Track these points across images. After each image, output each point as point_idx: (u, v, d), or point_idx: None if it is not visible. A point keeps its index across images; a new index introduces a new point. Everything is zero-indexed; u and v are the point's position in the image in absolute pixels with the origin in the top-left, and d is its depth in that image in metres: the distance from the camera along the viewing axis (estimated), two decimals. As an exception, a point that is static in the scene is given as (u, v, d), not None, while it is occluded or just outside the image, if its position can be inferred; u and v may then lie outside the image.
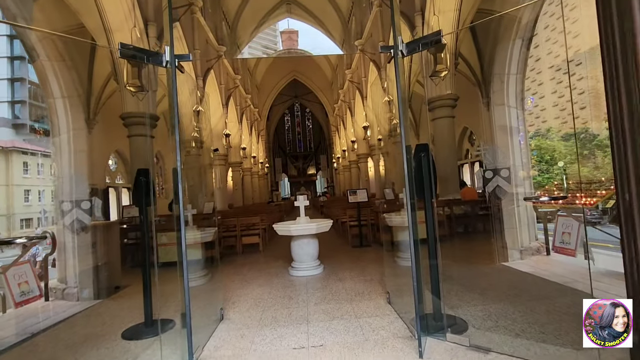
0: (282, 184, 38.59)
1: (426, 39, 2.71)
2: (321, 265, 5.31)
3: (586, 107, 25.78)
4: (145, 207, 3.33)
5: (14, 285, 4.82)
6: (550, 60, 34.75)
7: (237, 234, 7.60)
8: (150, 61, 2.58)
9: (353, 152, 22.72)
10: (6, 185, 27.93)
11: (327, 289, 4.33)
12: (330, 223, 5.30)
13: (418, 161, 2.96)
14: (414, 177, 2.81)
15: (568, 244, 6.17)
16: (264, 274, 5.39)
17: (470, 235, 7.83)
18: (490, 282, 4.23)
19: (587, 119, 25.52)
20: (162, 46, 10.92)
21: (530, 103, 10.04)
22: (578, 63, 26.14)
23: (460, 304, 3.43)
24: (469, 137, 16.21)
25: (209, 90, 16.20)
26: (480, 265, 5.12)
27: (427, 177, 2.93)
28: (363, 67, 18.41)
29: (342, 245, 7.75)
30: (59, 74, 4.95)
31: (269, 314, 3.54)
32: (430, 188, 2.92)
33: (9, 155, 28.30)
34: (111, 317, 3.83)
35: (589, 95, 26.20)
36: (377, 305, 3.58)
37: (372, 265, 5.53)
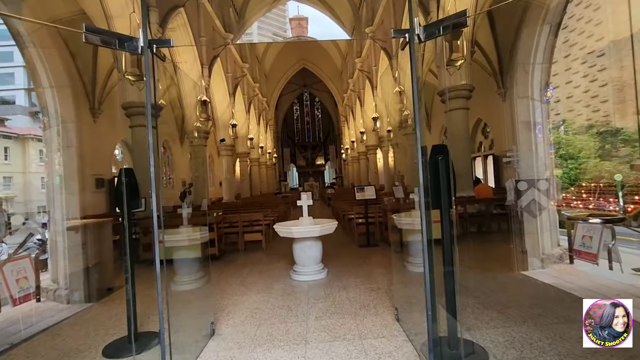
0: (290, 174, 38.30)
1: (448, 21, 2.27)
2: (324, 270, 4.97)
3: (608, 99, 24.47)
4: (128, 213, 3.00)
5: (12, 281, 4.59)
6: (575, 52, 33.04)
7: (239, 230, 7.32)
8: (122, 47, 2.21)
9: (362, 144, 22.20)
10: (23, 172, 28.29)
11: (329, 298, 3.99)
12: (334, 224, 4.93)
13: (434, 165, 2.56)
14: (429, 184, 2.42)
15: (589, 247, 5.69)
16: (264, 277, 5.08)
17: (485, 236, 7.40)
18: (510, 296, 3.83)
19: (609, 112, 24.26)
20: (165, 33, 10.54)
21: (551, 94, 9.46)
22: (600, 54, 24.79)
23: (477, 325, 3.05)
24: (482, 129, 15.53)
25: (216, 79, 15.81)
26: (497, 273, 4.72)
27: (444, 184, 2.53)
28: (374, 55, 17.75)
29: (349, 244, 7.40)
30: (45, 62, 4.61)
31: (264, 330, 3.22)
32: (449, 197, 2.52)
33: (26, 142, 28.54)
34: (97, 326, 3.57)
35: (612, 87, 24.84)
36: (384, 323, 3.22)
37: (379, 269, 5.18)
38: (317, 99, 38.07)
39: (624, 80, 22.54)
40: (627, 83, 22.83)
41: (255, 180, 24.76)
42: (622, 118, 22.84)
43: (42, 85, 4.78)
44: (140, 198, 3.28)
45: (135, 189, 3.11)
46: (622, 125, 22.05)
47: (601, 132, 23.03)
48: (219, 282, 4.88)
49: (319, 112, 38.61)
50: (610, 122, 23.43)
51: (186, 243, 4.47)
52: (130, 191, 3.08)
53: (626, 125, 21.60)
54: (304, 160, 38.09)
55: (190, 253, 4.62)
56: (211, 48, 14.78)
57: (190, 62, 13.33)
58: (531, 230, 5.04)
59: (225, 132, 16.77)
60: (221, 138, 16.72)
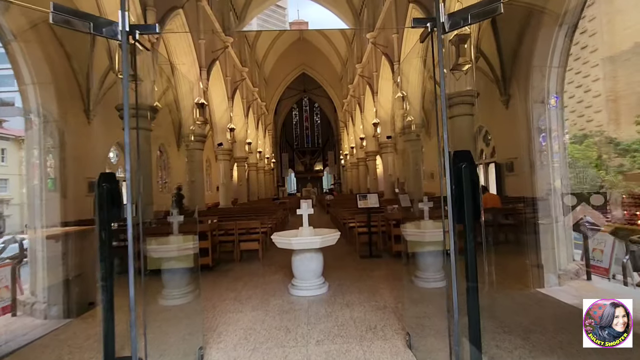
0: (288, 179, 37.95)
1: (477, 8, 1.96)
2: (325, 284, 4.61)
3: (602, 110, 24.32)
4: (107, 223, 2.66)
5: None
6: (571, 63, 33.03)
7: (235, 239, 6.94)
8: (99, 32, 1.89)
9: (361, 150, 21.91)
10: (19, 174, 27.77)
11: (332, 317, 3.63)
12: (337, 235, 4.57)
13: (457, 173, 2.24)
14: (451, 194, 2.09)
15: (600, 261, 5.36)
16: (260, 291, 4.71)
17: (493, 248, 7.05)
18: (531, 318, 3.49)
19: (603, 122, 24.08)
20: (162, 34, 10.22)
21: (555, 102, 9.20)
22: (594, 65, 24.73)
23: (501, 355, 2.71)
24: (483, 137, 15.30)
25: (214, 83, 15.53)
26: (512, 290, 4.37)
27: (469, 196, 2.20)
28: (375, 61, 17.52)
29: (350, 254, 7.04)
30: (27, 57, 4.28)
31: (259, 356, 2.86)
32: (475, 212, 2.19)
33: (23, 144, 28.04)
34: (71, 348, 3.20)
35: (606, 98, 24.72)
36: (395, 350, 2.87)
37: (384, 284, 4.82)
38: (316, 105, 37.88)
39: (617, 91, 22.39)
40: (620, 94, 22.72)
41: (253, 185, 24.39)
42: (617, 129, 22.68)
43: (25, 82, 4.45)
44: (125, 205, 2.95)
45: (117, 195, 2.77)
46: (617, 136, 21.85)
47: (595, 142, 22.86)
48: (212, 297, 4.51)
49: (318, 117, 38.41)
50: (604, 132, 23.24)
51: (175, 253, 4.11)
52: (111, 198, 2.74)
53: (620, 135, 21.41)
54: (303, 165, 37.79)
55: (179, 264, 4.26)
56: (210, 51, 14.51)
57: (188, 64, 13.05)
58: (546, 244, 4.72)
59: (223, 136, 16.44)
60: (219, 142, 16.39)
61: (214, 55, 14.93)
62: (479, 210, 2.30)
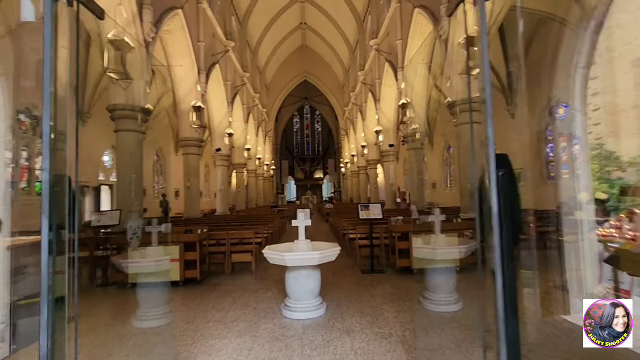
0: (287, 186, 37.47)
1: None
2: (323, 304, 4.09)
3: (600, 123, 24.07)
4: (55, 231, 2.17)
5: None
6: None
7: (226, 250, 6.44)
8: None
9: (362, 158, 21.47)
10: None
11: (330, 348, 3.12)
12: (337, 250, 4.07)
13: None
14: (497, 210, 1.62)
15: (621, 283, 4.83)
16: (250, 311, 4.19)
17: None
18: (565, 354, 2.97)
19: (602, 134, 23.79)
20: (158, 33, 9.85)
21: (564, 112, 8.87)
22: (594, 77, 24.48)
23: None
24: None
25: (214, 87, 15.16)
26: (535, 317, 3.85)
27: (507, 210, 1.73)
28: (377, 68, 17.20)
29: (350, 268, 6.52)
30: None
31: (240, 400, 2.35)
32: (515, 228, 1.72)
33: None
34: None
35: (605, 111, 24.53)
36: (405, 396, 2.36)
37: (388, 305, 4.30)
38: (317, 112, 37.62)
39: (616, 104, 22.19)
40: (619, 107, 22.48)
41: (251, 192, 23.90)
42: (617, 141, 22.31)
43: None
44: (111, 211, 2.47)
45: (71, 201, 2.29)
46: (615, 149, 21.45)
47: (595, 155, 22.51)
48: (195, 317, 4.00)
49: (319, 125, 38.12)
50: (604, 145, 22.85)
51: (152, 269, 3.61)
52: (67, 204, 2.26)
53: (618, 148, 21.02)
54: (302, 173, 37.36)
55: (157, 279, 3.76)
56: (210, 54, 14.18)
57: (186, 67, 12.66)
58: (570, 264, 4.22)
59: (221, 141, 16.02)
60: (217, 147, 15.96)
61: (214, 58, 14.59)
62: (518, 227, 1.82)
